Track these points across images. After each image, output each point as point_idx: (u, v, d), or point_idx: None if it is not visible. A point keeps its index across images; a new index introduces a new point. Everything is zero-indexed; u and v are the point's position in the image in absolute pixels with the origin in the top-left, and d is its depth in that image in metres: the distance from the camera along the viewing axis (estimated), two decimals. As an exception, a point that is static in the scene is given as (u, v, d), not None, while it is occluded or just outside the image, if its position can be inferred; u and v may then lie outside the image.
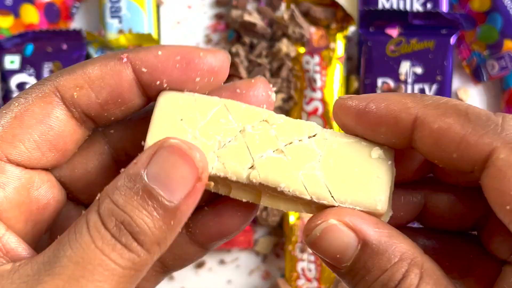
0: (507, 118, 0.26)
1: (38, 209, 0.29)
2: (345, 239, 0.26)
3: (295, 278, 0.66)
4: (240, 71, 0.67)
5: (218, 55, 0.29)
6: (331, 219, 0.27)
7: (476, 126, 0.26)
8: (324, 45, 0.66)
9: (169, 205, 0.25)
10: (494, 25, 0.65)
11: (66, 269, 0.24)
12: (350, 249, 0.26)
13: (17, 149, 0.27)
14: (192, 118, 0.29)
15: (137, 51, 0.29)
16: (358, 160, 0.29)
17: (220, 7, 0.71)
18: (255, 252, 0.69)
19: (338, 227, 0.26)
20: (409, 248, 0.26)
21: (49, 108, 0.28)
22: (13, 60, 0.66)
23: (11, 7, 0.69)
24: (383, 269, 0.26)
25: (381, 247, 0.26)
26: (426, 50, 0.64)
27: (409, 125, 0.27)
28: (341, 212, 0.27)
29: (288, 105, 0.67)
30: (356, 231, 0.26)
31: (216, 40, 0.70)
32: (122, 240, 0.24)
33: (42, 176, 0.29)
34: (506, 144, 0.25)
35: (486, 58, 0.66)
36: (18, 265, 0.25)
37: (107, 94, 0.28)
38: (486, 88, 0.69)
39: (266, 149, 0.28)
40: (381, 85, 0.65)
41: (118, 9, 0.67)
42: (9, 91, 0.66)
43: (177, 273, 0.69)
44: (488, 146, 0.25)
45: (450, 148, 0.26)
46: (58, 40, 0.66)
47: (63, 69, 0.29)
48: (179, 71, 0.28)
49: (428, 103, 0.27)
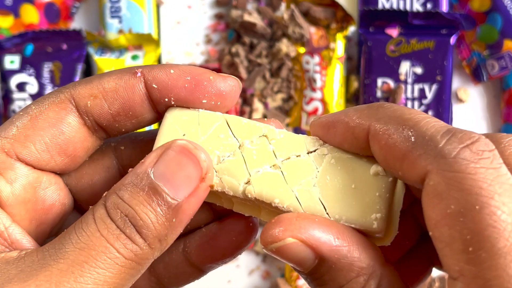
0: (452, 139, 0.23)
1: (43, 209, 0.30)
2: (302, 254, 0.26)
3: (295, 278, 0.66)
4: (240, 71, 0.67)
5: (228, 81, 0.30)
6: (289, 237, 0.26)
7: (416, 145, 0.24)
8: (324, 45, 0.66)
9: (173, 202, 0.26)
10: (494, 25, 0.65)
11: (70, 254, 0.25)
12: (307, 262, 0.26)
13: (27, 149, 0.28)
14: (193, 133, 0.29)
15: (151, 67, 0.30)
16: (357, 177, 0.28)
17: (220, 7, 0.71)
18: (255, 252, 0.69)
19: (294, 246, 0.26)
20: (369, 262, 0.26)
21: (62, 114, 0.29)
22: (13, 60, 0.66)
23: (11, 7, 0.69)
24: (340, 285, 0.26)
25: (338, 265, 0.26)
26: (426, 50, 0.64)
27: (365, 140, 0.27)
28: (300, 226, 0.26)
29: (288, 105, 0.67)
30: (313, 249, 0.26)
31: (216, 40, 0.70)
32: (127, 232, 0.25)
33: (50, 178, 0.30)
34: (438, 170, 0.23)
35: (486, 58, 0.66)
36: (24, 253, 0.26)
37: (119, 106, 0.29)
38: (486, 88, 0.69)
39: (263, 165, 0.28)
40: (381, 85, 0.65)
41: (118, 9, 0.67)
42: (9, 91, 0.66)
43: (177, 273, 0.69)
44: (423, 169, 0.24)
45: (396, 165, 0.25)
46: (58, 40, 0.66)
47: (83, 79, 0.30)
48: (187, 91, 0.29)
49: (380, 117, 0.26)
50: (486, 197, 0.22)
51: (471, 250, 0.22)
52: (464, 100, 0.68)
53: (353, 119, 0.27)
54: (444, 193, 0.23)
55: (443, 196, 0.23)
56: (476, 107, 0.69)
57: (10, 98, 0.66)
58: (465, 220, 0.22)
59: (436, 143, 0.24)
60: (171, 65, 0.30)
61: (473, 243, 0.22)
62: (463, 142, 0.23)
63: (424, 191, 0.24)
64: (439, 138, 0.24)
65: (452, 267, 0.23)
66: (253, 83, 0.67)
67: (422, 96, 0.64)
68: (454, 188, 0.23)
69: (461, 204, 0.22)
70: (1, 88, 0.66)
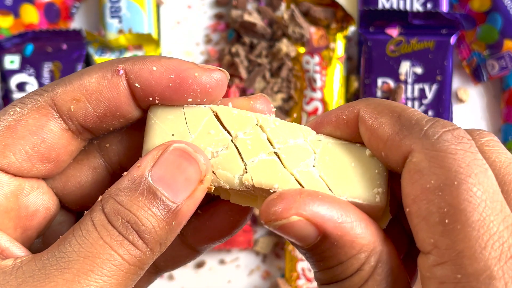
0: (436, 124, 0.25)
1: (27, 215, 0.29)
2: (305, 231, 0.26)
3: (295, 278, 0.66)
4: (240, 71, 0.67)
5: (215, 75, 0.29)
6: (293, 216, 0.26)
7: (402, 127, 0.26)
8: (324, 45, 0.66)
9: (172, 205, 0.26)
10: (494, 25, 0.65)
11: (75, 263, 0.24)
12: (310, 239, 0.26)
13: (7, 159, 0.27)
14: (182, 132, 0.28)
15: (133, 62, 0.28)
16: (354, 157, 0.29)
17: (220, 7, 0.71)
18: (255, 252, 0.69)
19: (298, 223, 0.26)
20: (370, 239, 0.26)
21: (43, 120, 0.28)
22: (13, 60, 0.66)
23: (11, 7, 0.68)
24: (340, 261, 0.26)
25: (340, 242, 0.26)
26: (426, 50, 0.64)
27: (355, 124, 0.28)
28: (304, 202, 0.26)
29: (288, 105, 0.67)
30: (317, 226, 0.26)
31: (216, 40, 0.70)
32: (130, 238, 0.25)
33: (33, 183, 0.29)
34: (422, 149, 0.25)
35: (486, 58, 0.66)
36: (19, 261, 0.25)
37: (105, 108, 0.28)
38: (486, 88, 0.69)
39: (258, 153, 0.28)
40: (381, 85, 0.65)
41: (118, 9, 0.67)
42: (9, 91, 0.66)
43: (177, 273, 0.69)
44: (406, 148, 0.26)
45: (379, 146, 0.27)
46: (58, 40, 0.66)
47: (61, 79, 0.29)
48: (171, 90, 0.28)
49: (369, 103, 0.28)
50: (464, 175, 0.24)
51: (447, 222, 0.24)
52: (464, 100, 0.68)
53: (344, 108, 0.29)
54: (426, 169, 0.24)
55: (424, 172, 0.25)
56: (476, 107, 0.69)
57: (10, 98, 0.66)
58: (443, 194, 0.24)
59: (422, 126, 0.26)
60: (153, 60, 0.28)
61: (449, 215, 0.24)
62: (446, 127, 0.25)
63: (406, 168, 0.25)
64: (424, 123, 0.26)
65: (426, 241, 0.24)
66: (253, 83, 0.67)
67: (422, 96, 0.64)
68: (435, 165, 0.24)
69: (441, 180, 0.24)
70: (1, 88, 0.66)
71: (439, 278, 0.24)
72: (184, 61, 0.29)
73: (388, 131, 0.26)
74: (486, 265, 0.23)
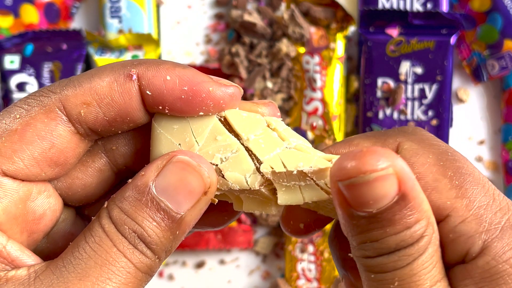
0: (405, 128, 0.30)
1: (34, 219, 0.28)
2: (386, 189, 0.24)
3: (295, 278, 0.66)
4: (240, 71, 0.67)
5: (229, 90, 0.28)
6: (389, 168, 0.24)
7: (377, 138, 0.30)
8: (324, 45, 0.66)
9: (176, 216, 0.26)
10: (494, 25, 0.65)
11: (93, 271, 0.25)
12: (386, 199, 0.24)
13: (16, 165, 0.27)
14: (189, 141, 0.28)
15: (146, 67, 0.27)
16: None
17: (220, 7, 0.71)
18: (255, 252, 0.69)
19: (383, 179, 0.24)
20: (429, 206, 0.26)
21: (52, 125, 0.27)
22: (13, 60, 0.66)
23: (11, 7, 0.68)
24: (408, 226, 0.25)
25: (415, 204, 0.24)
26: (426, 50, 0.64)
27: None
28: (395, 156, 0.24)
29: (288, 105, 0.67)
30: (401, 182, 0.24)
31: (216, 40, 0.70)
32: (139, 247, 0.26)
33: (40, 187, 0.28)
34: (407, 139, 0.29)
35: (486, 58, 0.66)
36: (33, 271, 0.25)
37: (115, 113, 0.28)
38: (486, 88, 0.69)
39: (274, 149, 0.28)
40: (381, 85, 0.65)
41: (118, 9, 0.67)
42: (9, 91, 0.66)
43: (177, 273, 0.69)
44: (393, 144, 0.29)
45: None
46: (58, 40, 0.66)
47: (68, 79, 0.28)
48: (183, 102, 0.27)
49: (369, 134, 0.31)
50: (452, 149, 0.28)
51: (457, 184, 0.26)
52: (464, 100, 0.68)
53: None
54: (419, 149, 0.28)
55: (419, 152, 0.28)
56: (476, 107, 0.69)
57: (10, 98, 0.66)
58: (445, 163, 0.27)
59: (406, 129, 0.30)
60: (168, 67, 0.27)
61: (456, 177, 0.27)
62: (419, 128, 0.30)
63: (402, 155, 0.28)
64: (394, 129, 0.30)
65: (442, 206, 0.26)
66: (253, 83, 0.67)
67: (422, 96, 0.64)
68: (426, 145, 0.28)
69: (437, 153, 0.28)
70: (1, 88, 0.66)
71: (466, 234, 0.26)
72: (199, 73, 0.28)
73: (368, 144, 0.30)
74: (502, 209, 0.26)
